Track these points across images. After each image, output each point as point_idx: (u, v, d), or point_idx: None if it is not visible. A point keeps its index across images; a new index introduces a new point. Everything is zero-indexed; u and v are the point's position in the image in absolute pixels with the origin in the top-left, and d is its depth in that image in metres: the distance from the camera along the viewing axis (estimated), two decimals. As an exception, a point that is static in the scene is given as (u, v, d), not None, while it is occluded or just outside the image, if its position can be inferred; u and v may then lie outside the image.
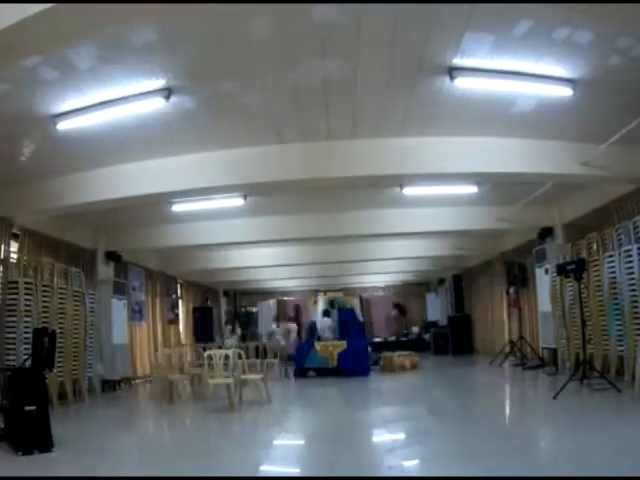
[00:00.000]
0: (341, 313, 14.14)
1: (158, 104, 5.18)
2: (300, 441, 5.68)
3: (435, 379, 10.95)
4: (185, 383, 8.91)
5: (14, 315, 7.17)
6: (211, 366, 7.41)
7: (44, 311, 7.74)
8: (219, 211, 9.24)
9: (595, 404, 6.28)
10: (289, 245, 12.79)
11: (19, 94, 4.85)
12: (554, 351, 9.79)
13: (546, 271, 9.91)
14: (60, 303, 8.20)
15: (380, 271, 17.46)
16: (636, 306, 7.01)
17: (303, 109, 5.71)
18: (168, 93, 5.01)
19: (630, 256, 7.12)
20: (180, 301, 15.83)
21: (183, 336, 15.58)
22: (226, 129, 6.13)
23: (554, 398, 6.41)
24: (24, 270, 7.76)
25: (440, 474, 3.81)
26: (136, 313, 11.98)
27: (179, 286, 15.85)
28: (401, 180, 7.72)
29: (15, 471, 4.29)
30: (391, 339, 18.51)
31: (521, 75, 5.00)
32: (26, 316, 7.26)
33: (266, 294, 21.69)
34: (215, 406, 7.40)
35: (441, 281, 19.31)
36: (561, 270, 7.77)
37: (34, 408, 4.89)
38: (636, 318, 7.01)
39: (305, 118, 5.94)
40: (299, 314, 21.32)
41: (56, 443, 4.89)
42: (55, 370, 6.21)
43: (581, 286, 7.29)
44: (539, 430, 5.39)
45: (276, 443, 5.35)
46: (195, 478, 4.07)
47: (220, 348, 9.57)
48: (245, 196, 8.23)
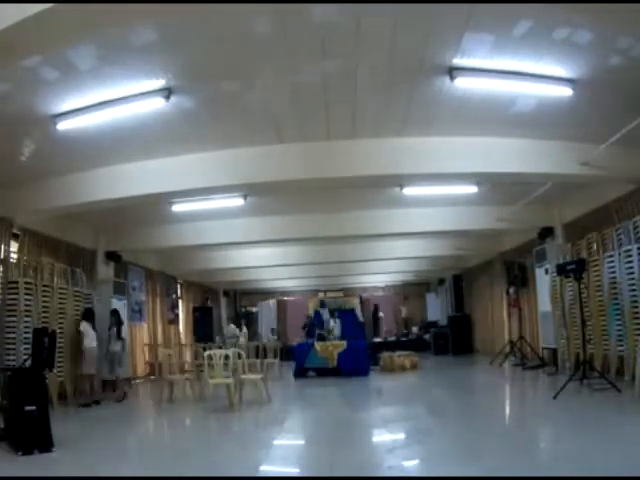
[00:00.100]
0: (340, 314, 14.20)
1: (158, 104, 5.18)
2: (300, 441, 5.68)
3: (435, 379, 10.95)
4: (185, 383, 8.91)
5: (14, 315, 7.17)
6: (211, 366, 7.41)
7: (44, 311, 7.75)
8: (219, 211, 9.24)
9: (595, 404, 6.28)
10: (289, 245, 12.79)
11: (19, 94, 4.85)
12: (554, 351, 9.79)
13: (546, 271, 9.92)
14: (60, 303, 8.20)
15: (380, 271, 17.46)
16: (636, 306, 7.01)
17: (303, 109, 5.71)
18: (168, 93, 5.01)
19: (630, 256, 7.13)
20: (180, 301, 15.84)
21: (183, 336, 15.58)
22: (226, 129, 6.13)
23: (554, 398, 6.41)
24: (24, 270, 7.77)
25: (440, 474, 3.81)
26: (136, 313, 11.98)
27: (179, 286, 15.85)
28: (401, 180, 7.72)
29: (15, 471, 4.29)
30: (391, 339, 18.49)
31: (521, 75, 5.00)
32: (26, 316, 7.26)
33: (266, 294, 21.70)
34: (215, 406, 7.41)
35: (441, 281, 19.30)
36: (561, 270, 7.77)
37: (34, 408, 4.89)
38: (636, 318, 7.01)
39: (305, 118, 5.94)
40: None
41: (56, 443, 4.89)
42: (55, 370, 6.21)
43: (581, 286, 7.29)
44: (539, 430, 5.39)
45: (276, 443, 5.35)
46: (195, 478, 4.08)
47: (220, 348, 9.58)
48: (245, 196, 8.23)
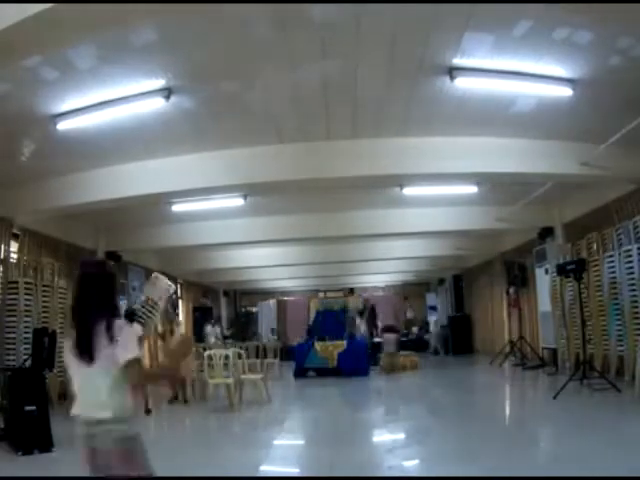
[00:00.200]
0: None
1: (158, 104, 5.17)
2: (300, 441, 5.69)
3: (435, 379, 10.95)
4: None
5: (14, 315, 7.16)
6: (211, 366, 7.40)
7: (44, 311, 7.74)
8: (219, 211, 9.24)
9: (595, 404, 6.28)
10: (289, 245, 12.78)
11: (19, 94, 4.84)
12: (554, 351, 9.79)
13: (546, 271, 9.92)
14: (60, 303, 8.19)
15: (380, 271, 17.45)
16: (636, 306, 7.01)
17: (303, 109, 5.70)
18: (168, 93, 5.00)
19: (630, 256, 7.12)
20: (180, 301, 15.83)
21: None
22: (226, 129, 6.12)
23: (554, 398, 6.42)
24: (24, 270, 7.76)
25: (440, 474, 3.81)
26: (136, 313, 11.97)
27: (179, 286, 15.84)
28: (401, 180, 7.71)
29: (15, 471, 4.29)
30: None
31: (521, 75, 4.99)
32: (26, 316, 7.26)
33: (266, 294, 21.70)
34: (215, 406, 7.41)
35: (441, 281, 19.29)
36: (561, 270, 7.77)
37: (34, 408, 4.90)
38: (636, 318, 7.01)
39: (305, 118, 5.94)
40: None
41: (56, 443, 4.89)
42: (55, 370, 6.20)
43: (581, 286, 7.29)
44: (539, 430, 5.40)
45: (276, 443, 5.36)
46: (195, 478, 4.08)
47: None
48: (245, 196, 8.22)
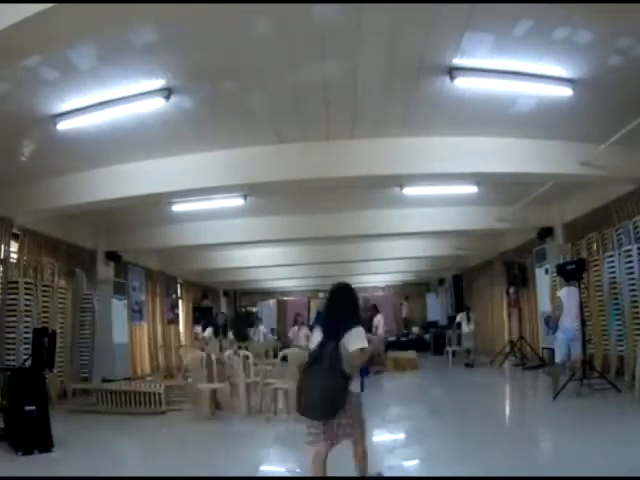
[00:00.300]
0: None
1: (158, 104, 5.17)
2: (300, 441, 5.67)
3: (435, 379, 10.95)
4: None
5: (14, 315, 7.17)
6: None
7: (44, 311, 7.75)
8: (219, 211, 9.23)
9: (595, 404, 6.28)
10: (289, 245, 12.79)
11: (19, 94, 4.84)
12: (554, 351, 9.76)
13: (546, 271, 9.92)
14: (60, 303, 8.20)
15: (380, 271, 17.45)
16: (636, 306, 7.02)
17: (303, 109, 5.70)
18: (168, 93, 5.00)
19: (630, 256, 7.13)
20: (180, 301, 15.83)
21: (183, 336, 15.58)
22: (226, 129, 6.12)
23: (554, 398, 6.42)
24: (24, 270, 7.76)
25: (440, 474, 3.81)
26: (136, 313, 11.97)
27: (179, 286, 15.85)
28: (401, 180, 7.71)
29: (15, 471, 4.29)
30: (391, 339, 18.47)
31: (521, 75, 4.99)
32: (26, 316, 7.26)
33: (266, 294, 21.70)
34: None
35: (441, 281, 19.30)
36: (561, 270, 7.77)
37: (34, 408, 4.90)
38: (636, 318, 7.01)
39: (305, 118, 5.93)
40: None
41: (56, 443, 4.89)
42: (55, 370, 6.21)
43: (581, 286, 7.29)
44: (539, 430, 5.40)
45: (276, 443, 5.35)
46: (195, 478, 4.08)
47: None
48: (245, 196, 8.22)
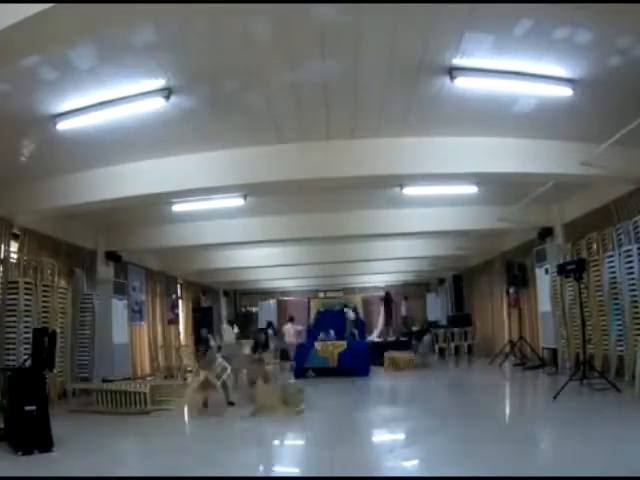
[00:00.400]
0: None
1: (158, 104, 5.17)
2: (300, 441, 5.68)
3: (436, 379, 10.93)
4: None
5: (14, 315, 7.16)
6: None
7: (44, 311, 7.74)
8: (219, 211, 9.24)
9: (595, 404, 6.27)
10: (289, 245, 12.79)
11: (19, 94, 4.84)
12: (554, 351, 9.79)
13: (546, 271, 9.92)
14: (60, 303, 8.20)
15: (380, 271, 17.45)
16: (636, 306, 7.01)
17: (303, 109, 5.70)
18: (168, 93, 5.01)
19: (630, 256, 7.13)
20: (180, 301, 15.83)
21: (183, 336, 15.57)
22: (226, 129, 6.12)
23: (554, 398, 6.41)
24: (24, 270, 7.76)
25: (440, 474, 3.81)
26: (136, 313, 11.97)
27: (179, 286, 15.84)
28: (401, 180, 7.71)
29: (15, 471, 4.29)
30: (391, 339, 18.46)
31: (521, 75, 4.99)
32: (26, 316, 7.26)
33: (266, 294, 21.70)
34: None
35: (441, 281, 19.29)
36: (561, 270, 7.77)
37: (34, 408, 4.89)
38: (636, 318, 7.01)
39: (305, 118, 5.94)
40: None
41: (56, 443, 4.89)
42: (55, 370, 6.20)
43: (581, 286, 7.29)
44: (539, 430, 5.39)
45: (276, 443, 5.35)
46: (195, 478, 4.07)
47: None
48: (245, 196, 8.22)
